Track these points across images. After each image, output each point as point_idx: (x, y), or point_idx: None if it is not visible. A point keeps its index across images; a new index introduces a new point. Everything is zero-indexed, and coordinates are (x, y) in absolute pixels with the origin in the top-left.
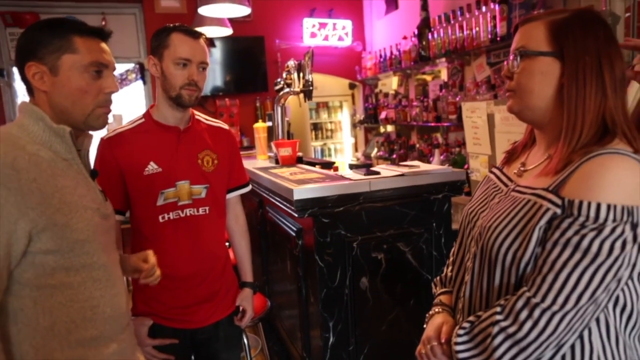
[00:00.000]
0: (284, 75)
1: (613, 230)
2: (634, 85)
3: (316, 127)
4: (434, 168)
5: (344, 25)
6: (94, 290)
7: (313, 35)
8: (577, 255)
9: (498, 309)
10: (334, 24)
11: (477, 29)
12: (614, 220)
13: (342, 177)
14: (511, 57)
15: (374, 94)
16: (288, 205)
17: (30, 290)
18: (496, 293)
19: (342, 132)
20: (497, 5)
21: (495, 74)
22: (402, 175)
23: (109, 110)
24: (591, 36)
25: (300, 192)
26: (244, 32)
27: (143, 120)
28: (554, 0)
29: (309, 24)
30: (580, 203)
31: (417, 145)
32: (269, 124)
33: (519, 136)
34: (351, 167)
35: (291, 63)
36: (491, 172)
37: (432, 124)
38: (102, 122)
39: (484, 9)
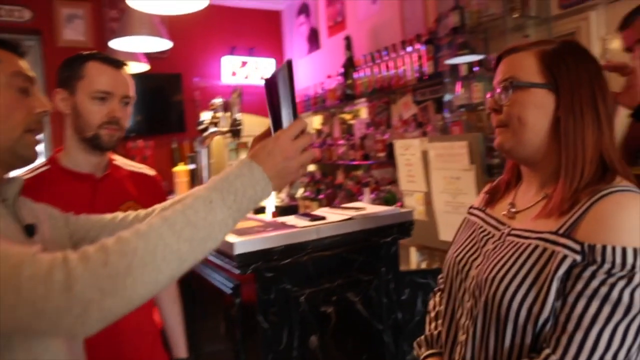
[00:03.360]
0: (210, 114)
1: None
2: (620, 113)
3: None
4: (381, 210)
5: (267, 64)
6: None
7: (234, 73)
8: (607, 309)
9: None
10: (256, 63)
11: (404, 67)
12: None
13: (285, 225)
14: (498, 90)
15: None
16: (226, 259)
17: None
18: (506, 355)
19: None
20: (422, 46)
21: (422, 112)
22: (351, 219)
23: (39, 141)
24: (583, 67)
25: (244, 245)
26: (159, 69)
27: (48, 167)
28: (476, 42)
29: (229, 62)
30: (604, 248)
31: (344, 184)
32: (192, 166)
33: (455, 172)
34: (277, 209)
35: (218, 101)
36: (471, 213)
37: (361, 162)
38: (32, 153)
39: (409, 49)
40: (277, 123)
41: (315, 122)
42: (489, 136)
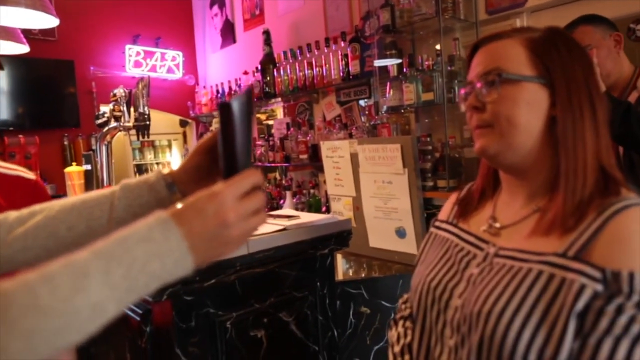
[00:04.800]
0: (111, 107)
1: None
2: None
3: (140, 169)
4: (317, 218)
5: (174, 56)
6: None
7: (137, 64)
8: (639, 352)
9: None
10: (163, 54)
11: (327, 66)
12: None
13: None
14: (479, 84)
15: (210, 132)
16: None
17: None
18: None
19: None
20: (347, 44)
21: (346, 112)
22: (285, 229)
23: None
24: (576, 58)
25: None
26: (46, 54)
27: None
28: (404, 43)
29: (132, 51)
30: (631, 276)
31: (262, 188)
32: (87, 167)
33: (387, 176)
34: None
35: (120, 91)
36: (439, 227)
37: (281, 164)
38: None
39: (333, 47)
40: (229, 163)
41: None
42: (421, 139)
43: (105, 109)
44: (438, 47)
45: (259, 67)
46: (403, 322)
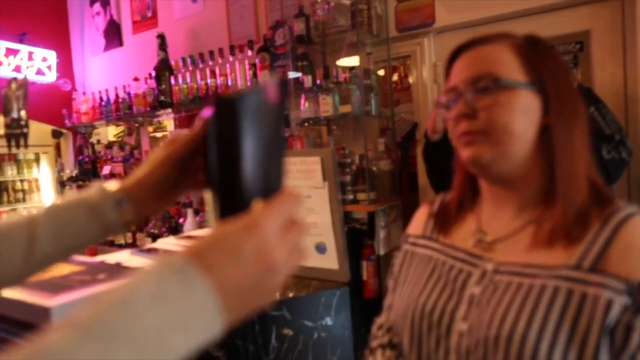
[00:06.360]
0: None
1: None
2: None
3: None
4: None
5: (46, 56)
6: None
7: None
8: None
9: None
10: (31, 53)
11: (233, 75)
12: None
13: (120, 267)
14: (468, 90)
15: (90, 144)
16: (29, 334)
17: None
18: None
19: (40, 192)
20: (255, 53)
21: None
22: None
23: None
24: (561, 67)
25: (63, 310)
26: None
27: None
28: (314, 55)
29: None
30: None
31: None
32: None
33: (306, 190)
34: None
35: None
36: (416, 244)
37: None
38: None
39: (239, 55)
40: (229, 195)
41: (110, 132)
42: (339, 151)
43: None
44: (344, 61)
45: (153, 74)
46: (382, 351)
